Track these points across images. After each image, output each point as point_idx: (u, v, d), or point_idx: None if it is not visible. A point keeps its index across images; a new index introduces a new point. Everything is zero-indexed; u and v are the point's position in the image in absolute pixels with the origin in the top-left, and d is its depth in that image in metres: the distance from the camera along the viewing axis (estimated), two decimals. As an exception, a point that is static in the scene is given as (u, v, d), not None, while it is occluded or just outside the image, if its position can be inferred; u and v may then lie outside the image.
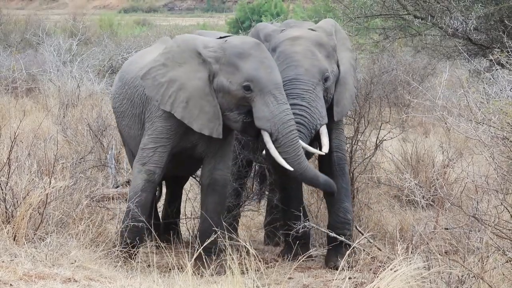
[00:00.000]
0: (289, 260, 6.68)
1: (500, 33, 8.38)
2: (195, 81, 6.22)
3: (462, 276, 4.98)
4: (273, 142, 6.10)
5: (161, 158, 6.31)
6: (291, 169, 6.11)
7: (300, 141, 6.17)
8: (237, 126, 6.21)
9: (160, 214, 7.55)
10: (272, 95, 6.06)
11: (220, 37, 6.51)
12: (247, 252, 5.67)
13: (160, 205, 8.11)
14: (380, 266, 5.49)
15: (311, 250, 6.35)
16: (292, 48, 6.46)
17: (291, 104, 6.25)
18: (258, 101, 6.07)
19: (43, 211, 5.92)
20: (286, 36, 6.59)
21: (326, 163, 6.74)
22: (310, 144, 6.71)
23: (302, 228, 6.48)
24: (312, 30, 6.69)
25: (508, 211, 5.24)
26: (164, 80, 6.26)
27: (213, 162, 6.44)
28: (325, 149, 6.37)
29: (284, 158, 6.11)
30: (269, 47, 6.60)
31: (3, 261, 5.41)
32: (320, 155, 6.84)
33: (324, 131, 6.39)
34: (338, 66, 6.64)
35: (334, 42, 6.65)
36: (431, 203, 6.44)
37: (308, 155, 6.53)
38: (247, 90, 6.09)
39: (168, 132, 6.31)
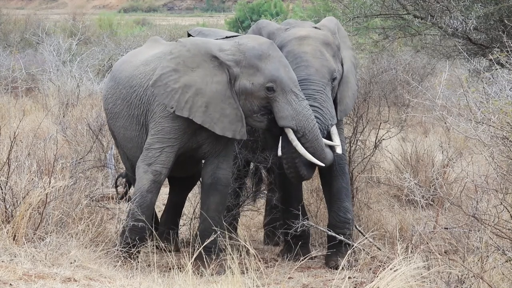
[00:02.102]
0: (288, 260, 6.68)
1: (500, 32, 8.37)
2: (214, 85, 6.22)
3: (462, 275, 4.98)
4: (300, 138, 6.19)
5: (168, 158, 6.29)
6: (322, 164, 6.26)
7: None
8: (263, 125, 6.31)
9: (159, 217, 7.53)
10: (293, 93, 6.18)
11: (226, 37, 6.49)
12: (247, 252, 5.67)
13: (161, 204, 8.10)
14: (380, 266, 5.50)
15: (312, 252, 6.35)
16: (301, 48, 6.47)
17: None
18: (280, 100, 6.16)
19: (42, 211, 5.92)
20: (293, 35, 6.58)
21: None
22: None
23: (301, 226, 6.48)
24: (317, 28, 6.69)
25: (508, 210, 5.24)
26: (178, 86, 6.23)
27: (216, 162, 6.43)
28: (339, 150, 6.42)
29: (311, 153, 6.21)
30: None
31: (2, 261, 5.41)
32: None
33: (335, 131, 6.44)
34: (342, 64, 6.66)
35: (338, 41, 6.68)
36: (431, 202, 6.43)
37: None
38: (270, 90, 6.17)
39: (176, 132, 6.29)
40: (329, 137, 6.46)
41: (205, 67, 6.25)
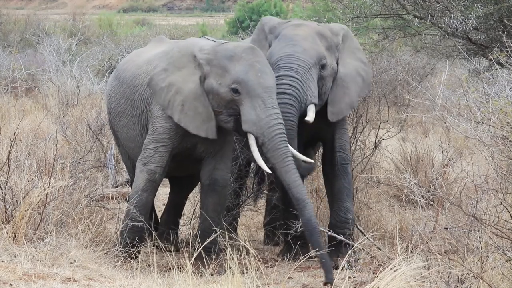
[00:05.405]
0: (288, 260, 6.68)
1: (500, 32, 8.37)
2: (190, 84, 6.24)
3: (462, 275, 4.98)
4: (260, 146, 6.06)
5: (162, 158, 6.31)
6: (269, 171, 6.05)
7: (289, 148, 6.04)
8: (229, 126, 6.20)
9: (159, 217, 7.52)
10: (260, 99, 6.01)
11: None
12: (247, 252, 5.67)
13: (161, 204, 8.10)
14: (380, 266, 5.50)
15: (312, 251, 6.36)
16: (294, 31, 6.53)
17: (284, 75, 6.27)
18: (245, 104, 6.05)
19: (42, 211, 5.92)
20: (291, 24, 6.69)
21: (328, 163, 6.76)
22: (310, 145, 6.71)
23: (301, 227, 6.48)
24: (318, 25, 6.78)
25: (508, 210, 5.24)
26: (164, 85, 6.28)
27: (213, 163, 6.44)
28: (310, 118, 6.26)
29: (272, 164, 6.05)
30: (272, 37, 6.64)
31: (2, 261, 5.41)
32: (324, 156, 6.86)
33: (312, 108, 6.34)
34: (337, 65, 6.64)
35: (337, 40, 6.67)
36: (431, 202, 6.44)
37: (311, 154, 6.53)
38: (235, 92, 6.07)
39: (169, 132, 6.31)
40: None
41: (189, 67, 6.29)
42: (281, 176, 6.03)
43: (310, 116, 6.28)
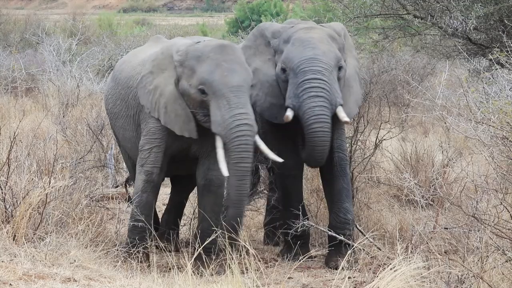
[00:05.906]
0: (288, 260, 6.69)
1: (500, 32, 8.38)
2: (170, 86, 6.25)
3: (462, 275, 4.98)
4: (224, 145, 6.01)
5: (157, 158, 6.32)
6: (225, 174, 5.97)
7: (250, 150, 5.96)
8: (208, 125, 6.14)
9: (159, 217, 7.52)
10: (225, 99, 5.94)
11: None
12: (247, 252, 5.67)
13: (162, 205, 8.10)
14: (380, 266, 5.50)
15: (312, 251, 6.36)
16: (308, 34, 6.51)
17: (313, 79, 6.26)
18: (212, 104, 6.01)
19: (42, 211, 5.92)
20: (300, 27, 6.64)
21: (327, 163, 6.74)
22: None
23: (301, 227, 6.50)
24: (322, 26, 6.78)
25: (508, 210, 5.24)
26: (151, 87, 6.30)
27: (207, 163, 6.43)
28: (346, 118, 6.36)
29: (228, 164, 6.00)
30: (278, 42, 6.61)
31: (2, 261, 5.40)
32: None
33: (341, 109, 6.37)
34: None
35: (343, 41, 6.70)
36: (431, 202, 6.44)
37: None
38: (203, 93, 6.03)
39: (161, 132, 6.31)
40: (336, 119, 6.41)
41: (169, 69, 6.29)
42: (229, 177, 6.02)
43: (345, 117, 6.35)
